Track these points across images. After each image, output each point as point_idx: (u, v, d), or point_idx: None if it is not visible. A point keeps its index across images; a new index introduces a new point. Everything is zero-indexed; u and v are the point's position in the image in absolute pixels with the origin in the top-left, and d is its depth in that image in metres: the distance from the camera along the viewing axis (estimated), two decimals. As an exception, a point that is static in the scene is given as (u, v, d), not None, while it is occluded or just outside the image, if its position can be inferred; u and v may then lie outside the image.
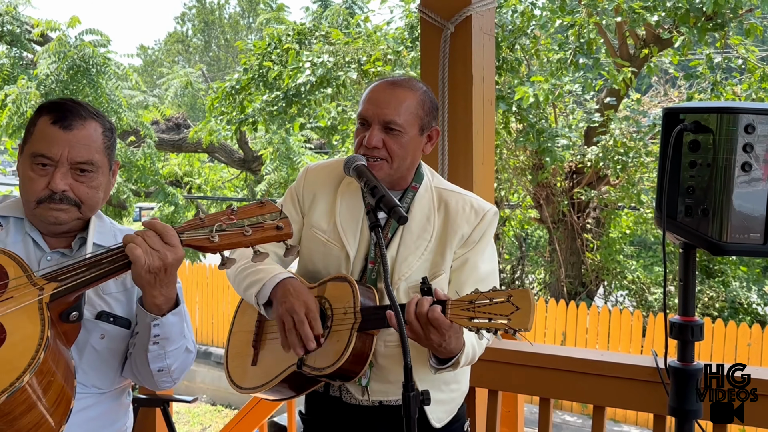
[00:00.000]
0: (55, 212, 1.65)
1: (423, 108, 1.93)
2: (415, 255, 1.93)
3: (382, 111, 1.88)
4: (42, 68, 9.40)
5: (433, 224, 1.95)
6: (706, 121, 1.73)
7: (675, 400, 1.87)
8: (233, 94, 10.26)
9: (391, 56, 9.14)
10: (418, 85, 1.97)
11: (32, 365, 1.33)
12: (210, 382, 10.85)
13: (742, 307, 10.40)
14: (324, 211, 2.00)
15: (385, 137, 1.88)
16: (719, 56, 8.34)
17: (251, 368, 1.99)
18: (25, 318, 1.40)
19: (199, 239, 1.54)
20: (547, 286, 10.74)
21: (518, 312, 1.57)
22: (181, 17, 37.60)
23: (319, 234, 1.99)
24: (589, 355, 2.50)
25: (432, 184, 2.02)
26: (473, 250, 1.95)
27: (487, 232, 1.97)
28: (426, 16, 2.71)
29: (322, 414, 2.07)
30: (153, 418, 2.95)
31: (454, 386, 2.03)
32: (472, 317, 1.62)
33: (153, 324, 1.59)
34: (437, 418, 1.98)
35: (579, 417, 8.87)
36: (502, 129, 8.75)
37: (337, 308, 1.87)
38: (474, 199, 2.01)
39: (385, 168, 1.90)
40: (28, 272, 1.48)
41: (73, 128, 1.64)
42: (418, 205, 1.97)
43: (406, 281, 1.92)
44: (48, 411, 1.38)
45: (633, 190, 8.97)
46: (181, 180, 13.24)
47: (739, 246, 1.74)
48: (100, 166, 1.69)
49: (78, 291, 1.49)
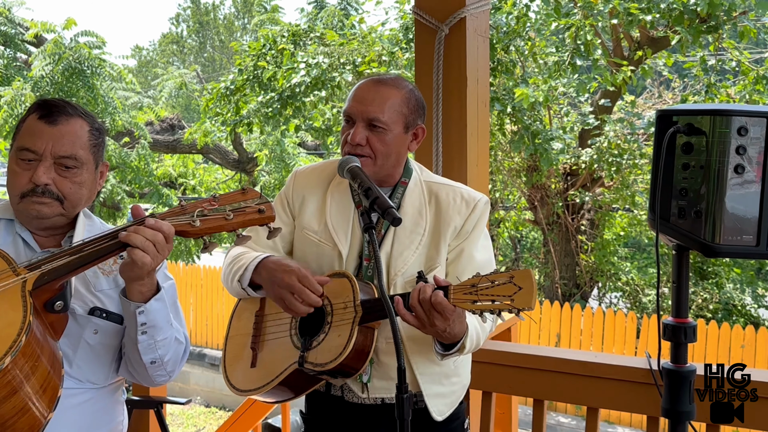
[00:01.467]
0: (37, 206, 1.66)
1: (407, 106, 1.94)
2: (410, 250, 1.94)
3: (366, 108, 1.89)
4: (37, 70, 9.38)
5: (426, 218, 1.97)
6: (699, 123, 1.74)
7: (668, 402, 1.87)
8: (228, 95, 10.25)
9: (386, 57, 9.14)
10: (404, 84, 1.98)
11: (13, 348, 1.34)
12: (204, 384, 10.82)
13: (735, 309, 10.43)
14: (314, 212, 2.01)
15: (369, 134, 1.90)
16: (713, 58, 8.37)
17: (250, 370, 1.98)
18: (7, 306, 1.41)
19: (181, 224, 1.56)
20: (542, 288, 10.75)
21: (521, 292, 1.59)
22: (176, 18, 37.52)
23: (311, 235, 2.00)
24: (583, 356, 2.51)
25: (421, 178, 2.04)
26: (467, 241, 1.96)
27: (480, 221, 1.98)
28: (420, 17, 2.71)
29: (323, 413, 2.07)
30: (147, 420, 2.94)
31: (454, 379, 2.04)
32: (475, 300, 1.64)
33: (138, 312, 1.60)
34: (438, 411, 1.98)
35: (573, 418, 8.88)
36: (496, 131, 8.77)
37: (337, 303, 1.87)
38: (464, 190, 2.02)
39: (369, 165, 1.91)
40: (12, 265, 1.50)
41: (58, 123, 1.66)
42: (409, 200, 1.98)
43: (402, 276, 1.92)
44: (33, 397, 1.39)
45: (627, 191, 9.00)
46: (176, 181, 13.21)
47: (732, 248, 1.74)
48: (85, 163, 1.70)
49: (61, 278, 1.50)
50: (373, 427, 1.98)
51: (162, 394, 2.99)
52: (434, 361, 1.94)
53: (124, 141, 10.84)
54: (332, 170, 2.03)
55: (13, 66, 10.42)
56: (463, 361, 2.06)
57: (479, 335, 1.88)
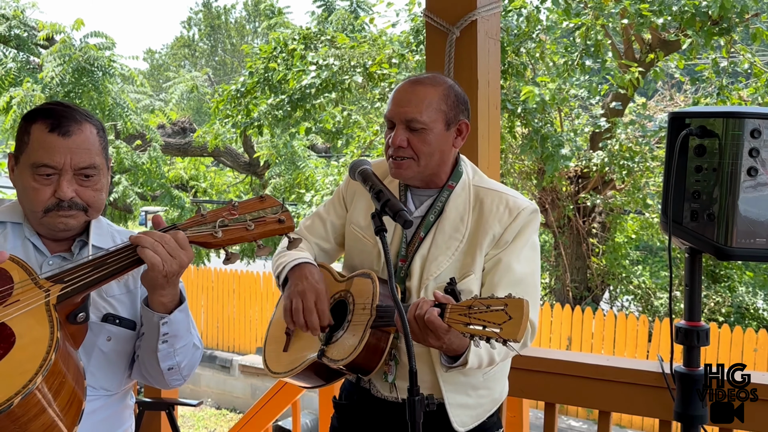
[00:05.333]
0: (64, 219, 1.66)
1: (447, 102, 1.91)
2: (446, 255, 1.90)
3: (403, 110, 1.88)
4: (48, 71, 9.43)
5: (467, 224, 1.92)
6: (712, 125, 1.73)
7: (680, 406, 1.86)
8: (238, 98, 10.29)
9: (396, 60, 9.15)
10: (442, 80, 1.95)
11: (44, 367, 1.31)
12: (215, 386, 10.85)
13: (748, 312, 10.36)
14: (363, 208, 2.04)
15: (410, 136, 1.87)
16: (725, 60, 8.32)
17: (283, 354, 2.04)
18: (33, 321, 1.39)
19: (203, 235, 1.55)
20: (553, 291, 10.72)
21: (510, 322, 1.50)
22: (188, 21, 37.77)
23: (357, 230, 2.04)
24: (595, 360, 2.50)
25: (471, 182, 1.98)
26: (506, 251, 1.87)
27: (523, 231, 1.89)
28: (431, 20, 2.71)
29: (354, 402, 2.09)
30: (158, 422, 2.95)
31: (482, 392, 1.98)
32: (468, 323, 1.56)
33: (162, 323, 1.59)
34: (461, 422, 1.93)
35: (584, 422, 8.84)
36: (507, 133, 8.75)
37: (359, 303, 1.89)
38: (511, 197, 1.93)
39: (413, 167, 1.89)
40: (33, 276, 1.48)
41: (72, 134, 1.65)
42: (453, 204, 1.94)
43: (434, 281, 1.89)
44: (60, 413, 1.37)
45: (638, 194, 8.95)
46: (187, 184, 13.28)
47: (745, 251, 1.73)
48: (101, 168, 1.70)
49: (84, 291, 1.49)
50: (396, 423, 1.96)
51: (173, 396, 3.00)
52: (459, 370, 1.86)
53: (136, 144, 10.90)
54: (386, 168, 2.00)
55: (26, 69, 10.48)
56: (494, 375, 1.99)
57: (491, 354, 1.81)
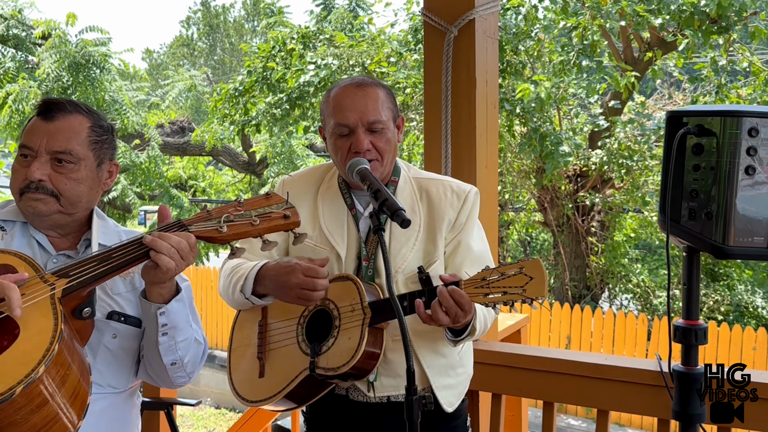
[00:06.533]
0: (33, 202, 1.65)
1: (391, 100, 1.99)
2: (407, 246, 1.96)
3: (363, 114, 1.91)
4: (44, 68, 9.41)
5: (419, 214, 2.00)
6: (710, 124, 1.73)
7: (679, 404, 1.86)
8: (237, 96, 10.28)
9: (394, 59, 9.14)
10: (378, 80, 2.04)
11: (47, 356, 1.32)
12: (214, 386, 10.84)
13: (747, 311, 10.37)
14: (307, 218, 2.02)
15: (372, 138, 1.92)
16: (724, 59, 8.32)
17: (259, 380, 1.98)
18: (38, 314, 1.39)
19: (209, 230, 1.55)
20: (552, 290, 10.71)
21: (533, 281, 1.64)
22: (186, 21, 37.73)
23: (308, 243, 2.00)
24: (594, 359, 2.50)
25: (409, 175, 2.07)
26: (462, 232, 2.00)
27: (472, 212, 2.02)
28: (429, 19, 2.71)
29: (326, 413, 2.07)
30: (157, 422, 2.95)
31: (460, 370, 2.07)
32: (487, 293, 1.69)
33: (159, 313, 1.60)
34: (449, 403, 2.01)
35: (583, 421, 8.84)
36: (505, 132, 8.74)
37: (344, 307, 1.87)
38: (453, 183, 2.06)
39: (378, 168, 1.94)
40: (39, 271, 1.48)
41: (55, 119, 1.66)
42: (401, 198, 2.00)
43: (403, 273, 1.95)
44: (64, 405, 1.38)
45: (637, 193, 8.95)
46: (186, 183, 13.27)
47: (743, 249, 1.73)
48: (82, 159, 1.68)
49: (89, 285, 1.49)
50: (378, 425, 1.98)
51: (172, 395, 3.00)
52: (440, 353, 1.98)
53: (134, 143, 10.89)
54: (319, 175, 2.08)
55: (25, 68, 10.47)
56: (466, 351, 2.11)
57: (485, 317, 1.92)
